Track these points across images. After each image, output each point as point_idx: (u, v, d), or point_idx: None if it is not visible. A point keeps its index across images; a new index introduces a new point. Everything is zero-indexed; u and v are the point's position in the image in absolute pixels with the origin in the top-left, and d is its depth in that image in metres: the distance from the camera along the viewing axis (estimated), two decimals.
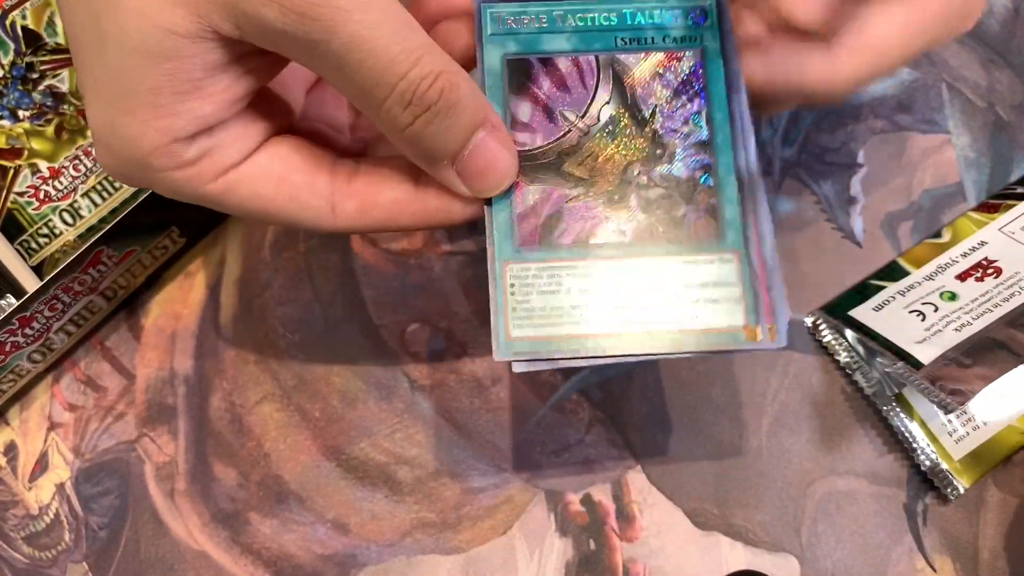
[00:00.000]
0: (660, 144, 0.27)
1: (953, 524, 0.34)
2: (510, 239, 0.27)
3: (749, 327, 0.26)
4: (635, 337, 0.26)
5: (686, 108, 0.27)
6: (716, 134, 0.27)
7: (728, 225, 0.26)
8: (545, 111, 0.27)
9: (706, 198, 0.27)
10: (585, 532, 0.34)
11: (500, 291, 0.26)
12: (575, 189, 0.27)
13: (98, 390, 0.36)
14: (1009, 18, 0.40)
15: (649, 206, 0.27)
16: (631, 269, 0.26)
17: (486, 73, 0.27)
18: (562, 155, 0.27)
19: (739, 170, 0.27)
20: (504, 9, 0.27)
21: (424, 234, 0.38)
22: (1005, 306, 0.32)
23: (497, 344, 0.26)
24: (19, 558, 0.34)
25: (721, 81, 0.27)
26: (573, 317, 0.26)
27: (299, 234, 0.38)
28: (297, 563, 0.34)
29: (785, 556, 0.34)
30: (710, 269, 0.26)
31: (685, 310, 0.26)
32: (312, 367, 0.36)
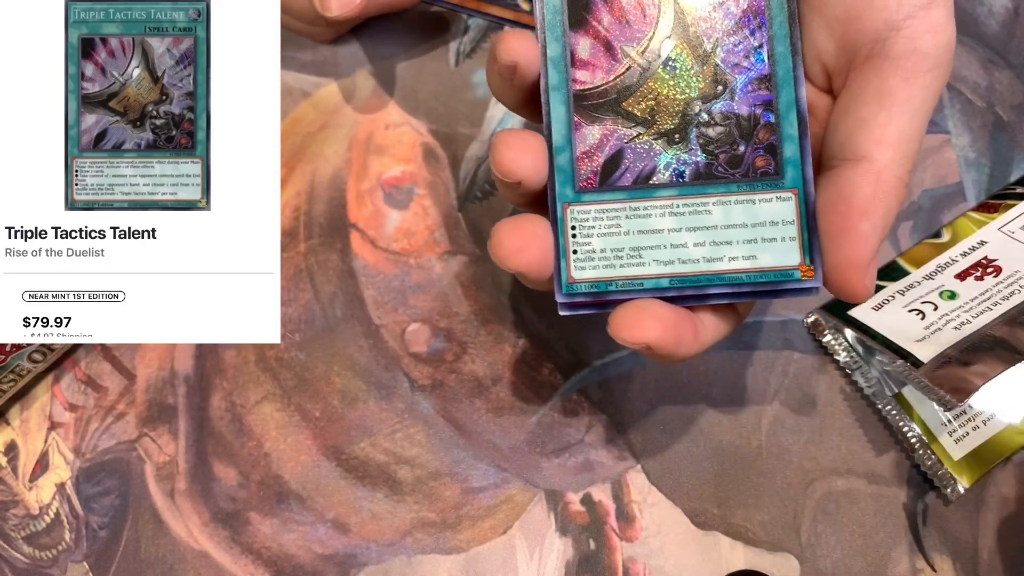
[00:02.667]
0: (721, 79, 0.26)
1: (953, 524, 0.34)
2: (571, 181, 0.27)
3: (805, 265, 0.26)
4: (692, 278, 0.26)
5: (748, 41, 0.26)
6: (777, 69, 0.26)
7: (788, 163, 0.26)
8: (605, 47, 0.27)
9: (766, 135, 0.26)
10: (585, 532, 0.34)
11: (562, 234, 0.26)
12: (635, 128, 0.26)
13: (98, 390, 0.36)
14: (1009, 18, 0.40)
15: (709, 144, 0.26)
16: (690, 208, 0.26)
17: (545, 7, 0.27)
18: (622, 93, 0.26)
19: (799, 106, 0.26)
20: None
21: (424, 234, 0.38)
22: (1004, 305, 0.32)
23: (559, 285, 0.26)
24: (19, 558, 0.35)
25: (784, 11, 0.26)
26: (632, 258, 0.26)
27: (299, 234, 0.38)
28: (297, 563, 0.34)
29: (785, 556, 0.34)
30: (769, 208, 0.26)
31: (744, 248, 0.26)
32: (312, 367, 0.36)
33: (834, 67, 0.27)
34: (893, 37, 0.25)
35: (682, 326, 0.26)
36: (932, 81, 0.25)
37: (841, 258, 0.25)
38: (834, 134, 0.26)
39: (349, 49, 0.40)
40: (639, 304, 0.26)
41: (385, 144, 0.39)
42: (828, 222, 0.25)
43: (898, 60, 0.25)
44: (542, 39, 0.27)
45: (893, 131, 0.25)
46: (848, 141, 0.25)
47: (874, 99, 0.25)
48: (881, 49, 0.25)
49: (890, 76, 0.25)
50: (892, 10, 0.25)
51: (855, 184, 0.25)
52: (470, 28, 0.40)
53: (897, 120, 0.25)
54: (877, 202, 0.25)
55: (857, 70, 0.26)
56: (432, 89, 0.39)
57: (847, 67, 0.26)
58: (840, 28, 0.26)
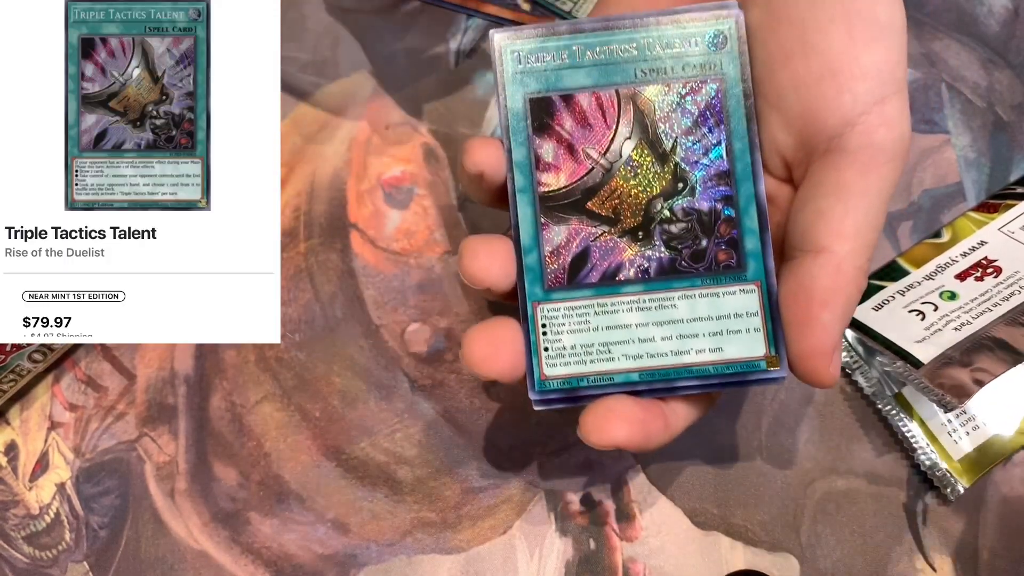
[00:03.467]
0: (682, 177, 0.27)
1: (953, 524, 0.34)
2: (539, 280, 0.27)
3: (770, 356, 0.26)
4: (661, 372, 0.27)
5: (706, 139, 0.27)
6: (736, 164, 0.27)
7: (749, 256, 0.27)
8: (568, 150, 0.27)
9: (728, 229, 0.27)
10: (585, 532, 0.34)
11: (533, 332, 0.27)
12: (600, 227, 0.27)
13: (98, 390, 0.36)
14: (1009, 18, 0.40)
15: (672, 240, 0.27)
16: (656, 304, 0.27)
17: (509, 114, 0.27)
18: (586, 193, 0.27)
19: (759, 200, 0.27)
20: (524, 46, 0.27)
21: (424, 234, 0.38)
22: (1005, 305, 0.32)
23: (532, 383, 0.27)
24: (20, 558, 0.35)
25: (741, 108, 0.27)
26: (602, 354, 0.27)
27: (299, 234, 0.38)
28: (297, 563, 0.34)
29: (785, 556, 0.34)
30: (733, 300, 0.27)
31: (710, 341, 0.27)
32: (312, 367, 0.36)
33: (793, 159, 0.27)
34: (848, 132, 0.26)
35: (651, 423, 0.27)
36: (888, 173, 0.26)
37: (805, 348, 0.26)
38: (794, 225, 0.26)
39: (349, 49, 0.40)
40: (608, 404, 0.26)
41: (385, 144, 0.39)
42: (791, 313, 0.26)
43: (854, 154, 0.26)
44: (507, 144, 0.27)
45: (850, 223, 0.25)
46: (808, 232, 0.26)
47: (832, 192, 0.26)
48: (838, 144, 0.26)
49: (846, 170, 0.26)
50: (847, 107, 0.25)
51: (815, 276, 0.25)
52: (470, 28, 0.40)
53: (854, 213, 0.25)
54: (837, 293, 0.25)
55: (816, 163, 0.26)
56: (432, 89, 0.39)
57: (806, 160, 0.27)
58: (798, 124, 0.26)
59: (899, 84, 0.26)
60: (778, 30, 0.27)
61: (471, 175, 0.27)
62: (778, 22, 0.27)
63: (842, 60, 0.26)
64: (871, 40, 0.26)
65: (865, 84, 0.26)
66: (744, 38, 0.27)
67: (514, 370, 0.27)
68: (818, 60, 0.26)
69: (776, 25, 0.27)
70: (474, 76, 0.40)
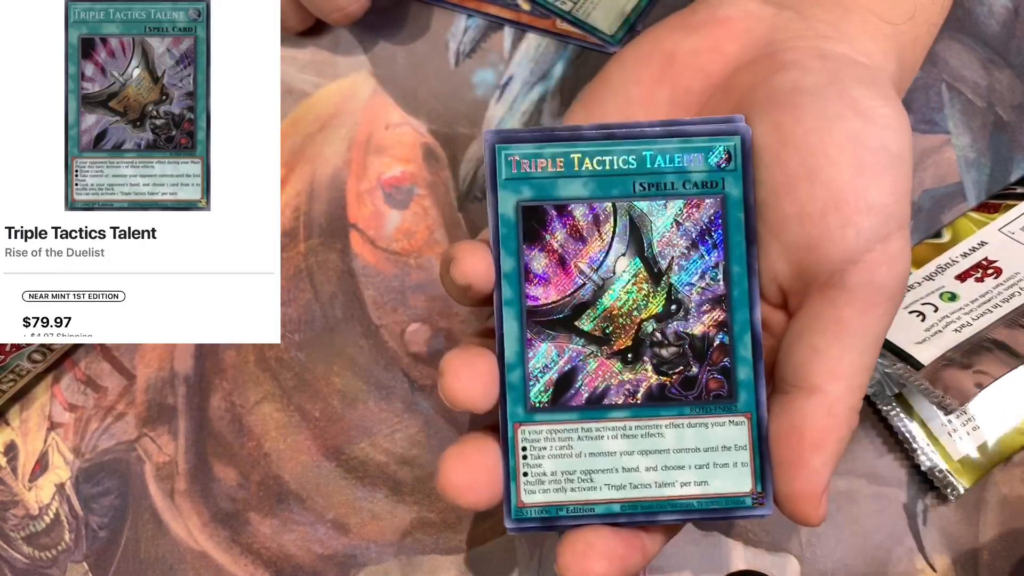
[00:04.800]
0: (676, 299, 0.26)
1: (953, 524, 0.34)
2: (522, 400, 0.26)
3: (756, 492, 0.26)
4: (643, 504, 0.26)
5: (704, 260, 0.26)
6: (733, 289, 0.26)
7: (741, 386, 0.26)
8: (559, 263, 0.26)
9: (720, 357, 0.26)
10: None
11: (512, 454, 0.26)
12: (588, 347, 0.26)
13: (98, 390, 0.36)
14: (1009, 18, 0.40)
15: (663, 364, 0.26)
16: (643, 431, 0.26)
17: (500, 222, 0.26)
18: (576, 310, 0.26)
19: (754, 328, 0.26)
20: (519, 151, 0.26)
21: (424, 234, 0.38)
22: (1005, 307, 0.32)
23: (509, 511, 0.26)
24: (19, 558, 0.34)
25: (741, 231, 0.26)
26: (583, 482, 0.26)
27: (299, 234, 0.38)
28: (297, 563, 0.34)
29: (785, 556, 0.34)
30: (722, 432, 0.26)
31: (695, 474, 0.26)
32: (312, 367, 0.36)
33: (790, 288, 0.26)
34: (850, 269, 0.25)
35: (630, 558, 0.26)
36: (886, 312, 0.25)
37: (795, 490, 0.25)
38: (788, 357, 0.26)
39: (349, 49, 0.40)
40: (586, 538, 0.25)
41: (385, 144, 0.39)
42: (781, 453, 0.25)
43: (854, 292, 0.25)
44: (496, 252, 0.26)
45: (846, 364, 0.25)
46: (801, 369, 0.25)
47: (829, 328, 0.25)
48: (839, 280, 0.25)
49: (845, 307, 0.25)
50: (850, 242, 0.25)
51: (808, 416, 0.25)
52: (470, 28, 0.40)
53: (850, 353, 0.25)
54: (830, 435, 0.25)
55: (813, 296, 0.25)
56: (432, 89, 0.39)
57: (803, 290, 0.26)
58: (798, 255, 0.25)
59: (903, 220, 0.25)
60: (784, 153, 0.25)
61: (459, 285, 0.26)
62: (784, 145, 0.25)
63: (848, 192, 0.25)
64: (880, 172, 0.25)
65: (870, 220, 0.25)
66: (750, 157, 0.26)
67: (492, 500, 0.26)
68: (823, 190, 0.25)
69: (782, 148, 0.26)
70: (474, 76, 0.40)
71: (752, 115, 0.26)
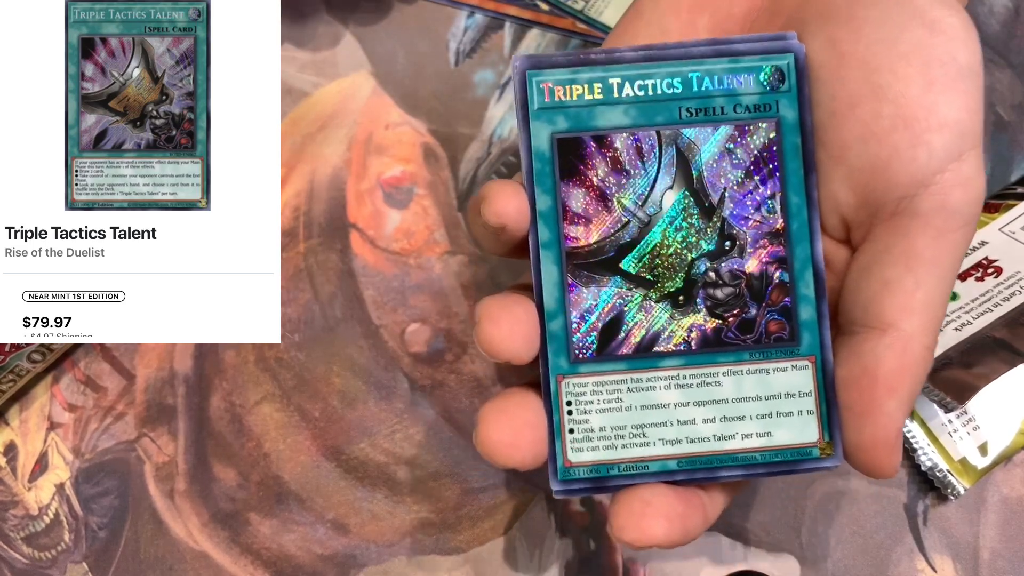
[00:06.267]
0: (729, 235, 0.24)
1: (953, 524, 0.34)
2: (564, 350, 0.24)
3: (824, 442, 0.24)
4: (702, 459, 0.24)
5: (759, 191, 0.24)
6: (792, 221, 0.24)
7: (804, 327, 0.24)
8: (600, 199, 0.24)
9: (780, 296, 0.24)
10: (585, 532, 0.34)
11: (556, 410, 0.24)
12: (635, 290, 0.24)
13: (98, 390, 0.36)
14: (1009, 18, 0.40)
15: (717, 307, 0.24)
16: (698, 380, 0.24)
17: (533, 156, 0.24)
18: (620, 250, 0.24)
19: (816, 264, 0.24)
20: (552, 77, 0.24)
21: (424, 234, 0.38)
22: (1005, 306, 0.32)
23: (555, 471, 0.24)
24: (19, 558, 0.34)
25: (799, 158, 0.24)
26: (635, 437, 0.24)
27: (299, 234, 0.38)
28: (297, 563, 0.34)
29: (785, 556, 0.34)
30: (784, 378, 0.24)
31: (757, 424, 0.24)
32: (312, 367, 0.36)
33: (854, 220, 0.24)
34: (921, 193, 0.23)
35: (690, 517, 0.24)
36: (961, 239, 0.23)
37: (866, 438, 0.23)
38: (855, 295, 0.24)
39: (349, 49, 0.40)
40: (643, 496, 0.23)
41: (385, 144, 0.39)
42: (850, 398, 0.23)
43: (927, 218, 0.23)
44: (529, 191, 0.24)
45: (921, 297, 0.23)
46: (871, 306, 0.23)
47: (900, 260, 0.23)
48: (908, 206, 0.23)
49: (918, 236, 0.23)
50: (922, 163, 0.23)
51: (880, 357, 0.23)
52: (470, 28, 0.40)
53: (925, 285, 0.23)
54: (904, 376, 0.23)
55: (881, 226, 0.23)
56: (432, 89, 0.39)
57: (869, 221, 0.24)
58: (863, 180, 0.23)
59: (976, 138, 0.23)
60: (843, 70, 0.23)
61: (492, 227, 0.24)
62: (842, 60, 0.23)
63: (917, 107, 0.23)
64: (950, 85, 0.23)
65: (942, 138, 0.22)
66: (805, 76, 0.24)
67: (536, 459, 0.24)
68: (890, 107, 0.23)
69: (840, 64, 0.23)
70: (474, 76, 0.40)
71: (804, 32, 0.24)
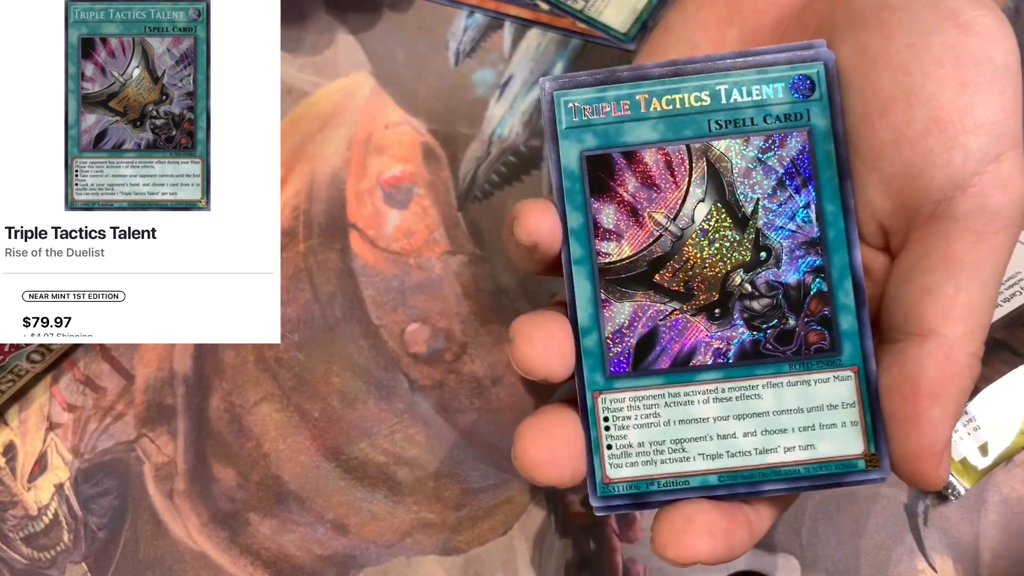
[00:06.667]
0: (764, 245, 0.24)
1: (954, 525, 0.34)
2: (600, 366, 0.24)
3: (869, 454, 0.23)
4: (744, 473, 0.24)
5: (793, 201, 0.24)
6: (828, 230, 0.24)
7: (845, 337, 0.24)
8: (632, 215, 0.24)
9: (819, 306, 0.24)
10: (585, 532, 0.34)
11: (593, 426, 0.24)
12: (670, 304, 0.24)
13: (97, 390, 0.36)
14: (1010, 18, 0.40)
15: (755, 319, 0.24)
16: (737, 393, 0.24)
17: (563, 174, 0.24)
18: (653, 264, 0.24)
19: (854, 272, 0.24)
20: (580, 96, 0.24)
21: (424, 234, 0.38)
22: (1006, 306, 0.32)
23: (594, 487, 0.24)
24: (18, 559, 0.34)
25: (832, 166, 0.24)
26: (675, 452, 0.24)
27: (298, 234, 0.38)
28: (297, 563, 0.34)
29: (785, 556, 0.34)
30: (826, 389, 0.24)
31: (800, 437, 0.24)
32: (312, 367, 0.36)
33: (891, 225, 0.24)
34: (959, 196, 0.22)
35: (735, 533, 0.23)
36: (1003, 241, 0.23)
37: (912, 447, 0.22)
38: (896, 303, 0.23)
39: (349, 49, 0.40)
40: (685, 512, 0.23)
41: (385, 144, 0.39)
42: (894, 407, 0.23)
43: (965, 222, 0.22)
44: (560, 208, 0.24)
45: (962, 303, 0.22)
46: (912, 313, 0.23)
47: (940, 265, 0.22)
48: (946, 209, 0.22)
49: (957, 240, 0.22)
50: (957, 165, 0.22)
51: (923, 364, 0.22)
52: (470, 28, 0.40)
53: (966, 290, 0.22)
54: (948, 384, 0.22)
55: (919, 231, 0.23)
56: (432, 89, 0.39)
57: (906, 226, 0.23)
58: (898, 185, 0.23)
59: (1015, 138, 0.23)
60: (874, 74, 0.23)
61: (525, 246, 0.24)
62: (874, 65, 0.23)
63: (951, 110, 0.22)
64: (985, 86, 0.22)
65: (979, 139, 0.22)
66: (836, 84, 0.24)
67: (575, 475, 0.24)
68: (923, 110, 0.22)
69: (872, 69, 0.23)
70: (474, 76, 0.40)
71: (834, 40, 0.24)
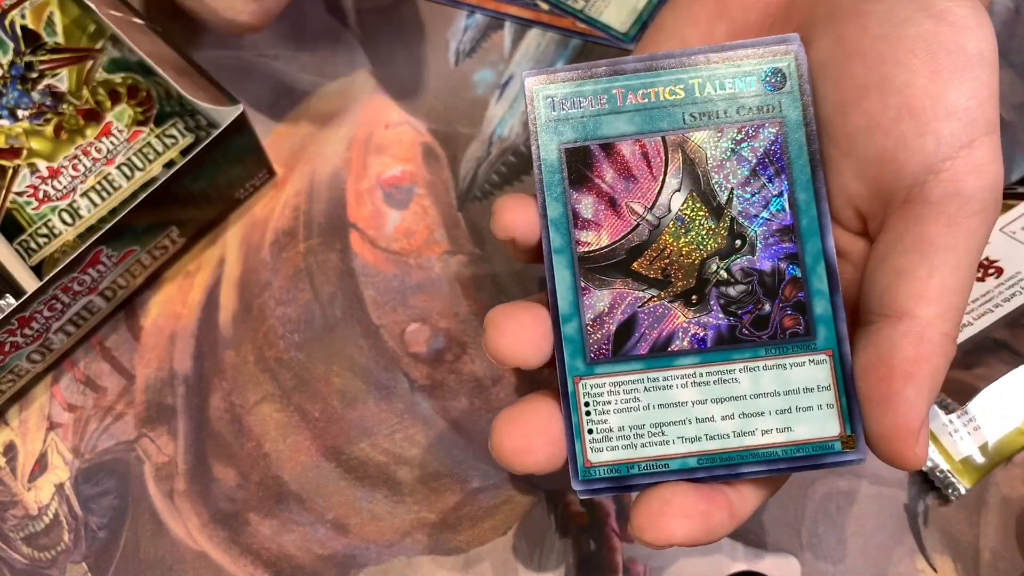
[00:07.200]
0: (739, 233, 0.24)
1: (954, 525, 0.34)
2: (580, 352, 0.25)
3: (846, 435, 0.24)
4: (722, 456, 0.24)
5: (766, 190, 0.24)
6: (801, 217, 0.24)
7: (819, 321, 0.24)
8: (610, 205, 0.25)
9: (793, 292, 0.24)
10: (585, 532, 0.34)
11: (574, 411, 0.24)
12: (648, 291, 0.25)
13: (97, 390, 0.36)
14: (1009, 18, 0.40)
15: (731, 304, 0.24)
16: (715, 377, 0.24)
17: (543, 166, 0.25)
18: (632, 253, 0.25)
19: (827, 258, 0.24)
20: (559, 91, 0.25)
21: (424, 234, 0.38)
22: (1006, 306, 0.32)
23: (575, 472, 0.24)
24: (18, 559, 0.34)
25: (804, 156, 0.24)
26: (654, 436, 0.24)
27: (299, 234, 0.38)
28: (297, 563, 0.34)
29: (785, 556, 0.34)
30: (802, 372, 0.24)
31: (777, 420, 0.24)
32: (312, 367, 0.36)
33: (868, 210, 0.24)
34: (932, 180, 0.23)
35: (713, 514, 0.24)
36: (977, 226, 0.23)
37: (887, 427, 0.22)
38: (872, 286, 0.24)
39: (349, 49, 0.40)
40: (663, 495, 0.23)
41: (385, 144, 0.39)
42: (868, 387, 0.23)
43: (939, 205, 0.23)
44: (541, 199, 0.25)
45: (935, 284, 0.22)
46: (886, 295, 0.23)
47: (913, 248, 0.23)
48: (919, 194, 0.23)
49: (930, 223, 0.23)
50: (930, 151, 0.23)
51: (896, 344, 0.22)
52: (470, 27, 0.40)
53: (939, 272, 0.22)
54: (922, 364, 0.22)
55: (894, 215, 0.23)
56: (432, 88, 0.39)
57: (883, 211, 0.24)
58: (873, 171, 0.23)
59: (989, 125, 0.23)
60: (850, 65, 0.24)
61: (502, 240, 0.25)
62: (850, 56, 0.24)
63: (924, 97, 0.23)
64: (957, 73, 0.23)
65: (951, 125, 0.23)
66: (806, 76, 0.24)
67: (551, 462, 0.24)
68: (896, 98, 0.23)
69: (847, 59, 0.24)
70: (474, 75, 0.40)
71: (813, 33, 0.25)
